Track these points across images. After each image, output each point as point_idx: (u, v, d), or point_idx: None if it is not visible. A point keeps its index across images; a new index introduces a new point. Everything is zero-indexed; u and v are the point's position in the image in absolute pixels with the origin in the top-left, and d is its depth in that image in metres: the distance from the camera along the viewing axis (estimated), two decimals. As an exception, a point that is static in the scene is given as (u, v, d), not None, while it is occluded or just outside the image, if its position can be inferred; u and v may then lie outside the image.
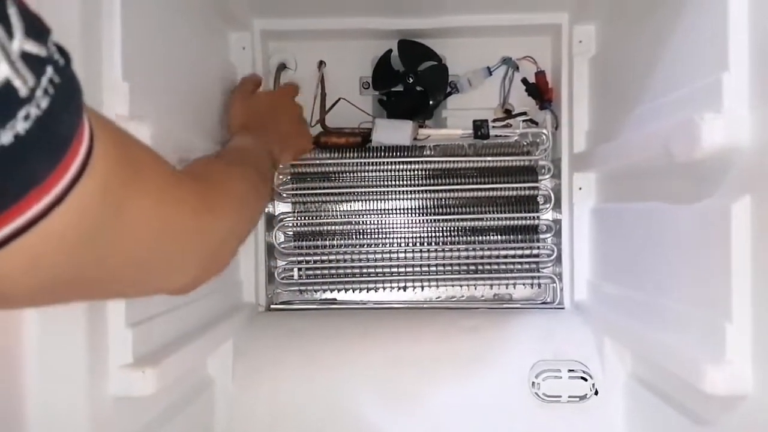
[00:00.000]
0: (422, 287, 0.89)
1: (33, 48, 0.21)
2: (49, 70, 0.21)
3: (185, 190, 0.34)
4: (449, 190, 0.87)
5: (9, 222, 0.21)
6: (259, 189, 0.54)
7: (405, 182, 0.88)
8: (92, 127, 0.25)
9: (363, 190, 0.88)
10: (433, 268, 0.88)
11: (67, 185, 0.23)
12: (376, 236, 0.89)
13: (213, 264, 0.40)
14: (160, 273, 0.34)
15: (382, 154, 0.87)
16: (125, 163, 0.28)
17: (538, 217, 0.87)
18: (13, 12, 0.20)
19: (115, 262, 0.28)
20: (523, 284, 0.88)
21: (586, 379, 0.72)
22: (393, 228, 0.88)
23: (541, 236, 0.88)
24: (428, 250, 0.88)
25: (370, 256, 0.89)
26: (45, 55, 0.21)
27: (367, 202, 0.88)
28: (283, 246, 0.89)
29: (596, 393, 0.72)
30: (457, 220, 0.88)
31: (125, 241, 0.28)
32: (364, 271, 0.89)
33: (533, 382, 0.72)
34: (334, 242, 0.89)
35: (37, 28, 0.21)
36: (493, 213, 0.87)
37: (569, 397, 0.72)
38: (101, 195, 0.25)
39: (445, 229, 0.88)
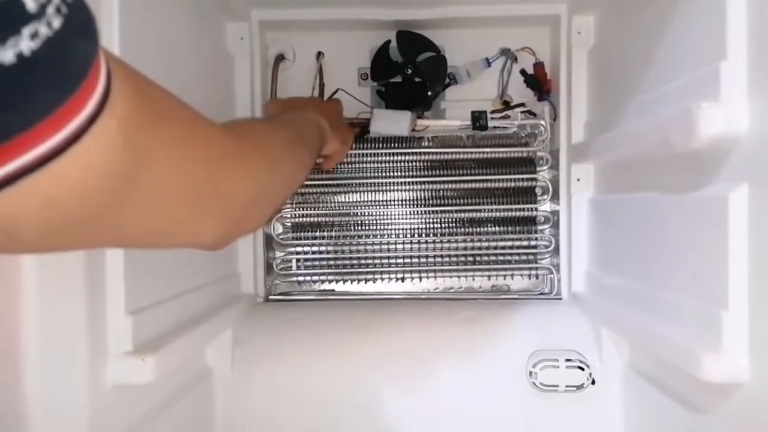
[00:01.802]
0: (420, 278, 0.89)
1: None
2: None
3: (215, 140, 0.32)
4: (448, 181, 0.88)
5: (13, 157, 0.19)
6: (301, 153, 0.50)
7: (403, 173, 0.88)
8: (109, 63, 0.22)
9: (361, 181, 0.88)
10: (432, 259, 0.89)
11: (84, 123, 0.20)
12: (375, 227, 0.89)
13: (244, 221, 0.37)
14: (184, 227, 0.31)
15: (381, 145, 0.87)
16: (148, 105, 0.25)
17: (536, 209, 0.88)
18: None
19: (137, 213, 0.26)
20: (521, 275, 0.89)
21: (583, 369, 0.72)
22: (391, 219, 0.89)
23: (539, 227, 0.88)
24: (426, 241, 0.89)
25: (369, 247, 0.89)
26: None
27: (366, 193, 0.88)
28: (281, 237, 0.89)
29: (593, 382, 0.72)
30: (456, 211, 0.88)
31: (148, 191, 0.26)
32: (363, 262, 0.89)
33: (531, 372, 0.72)
34: (333, 233, 0.89)
35: None
36: (491, 204, 0.87)
37: (566, 386, 0.72)
38: (123, 138, 0.23)
39: (443, 220, 0.88)
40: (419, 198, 0.88)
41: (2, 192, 0.19)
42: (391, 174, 0.88)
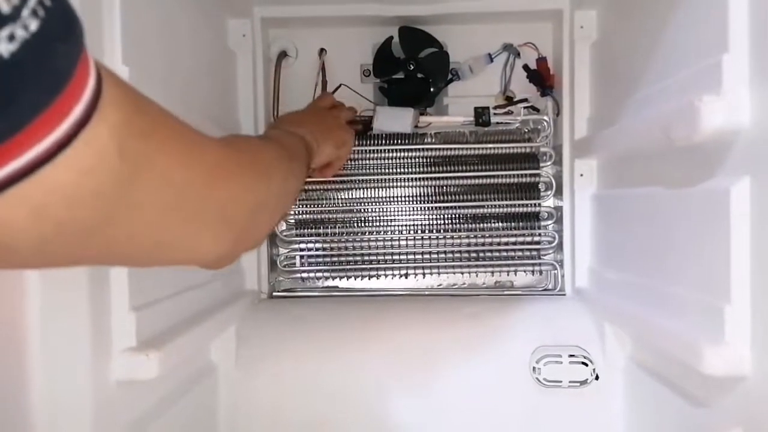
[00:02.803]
0: (424, 274, 0.89)
1: None
2: None
3: (209, 149, 0.31)
4: (450, 178, 0.87)
5: (0, 164, 0.18)
6: (291, 166, 0.50)
7: (406, 170, 0.88)
8: (100, 71, 0.22)
9: (364, 177, 0.88)
10: (435, 256, 0.89)
11: (73, 127, 0.20)
12: (378, 224, 0.89)
13: (244, 235, 0.36)
14: (183, 240, 0.30)
15: (384, 141, 0.87)
16: (142, 115, 0.25)
17: (539, 204, 0.87)
18: None
19: (133, 223, 0.25)
20: (525, 271, 0.89)
21: (586, 364, 0.72)
22: (394, 215, 0.89)
23: (543, 223, 0.88)
24: (430, 238, 0.89)
25: (372, 244, 0.89)
26: None
27: (369, 189, 0.88)
28: (285, 234, 0.89)
29: (597, 378, 0.72)
30: (459, 207, 0.88)
31: (144, 200, 0.25)
32: (366, 258, 0.89)
33: (534, 368, 0.72)
34: (336, 230, 0.89)
35: None
36: (495, 200, 0.87)
37: (570, 382, 0.72)
38: (117, 144, 0.22)
39: (446, 216, 0.88)
40: (422, 194, 0.88)
41: None
42: (395, 171, 0.88)
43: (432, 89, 0.87)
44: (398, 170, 0.88)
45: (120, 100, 0.23)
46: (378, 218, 0.89)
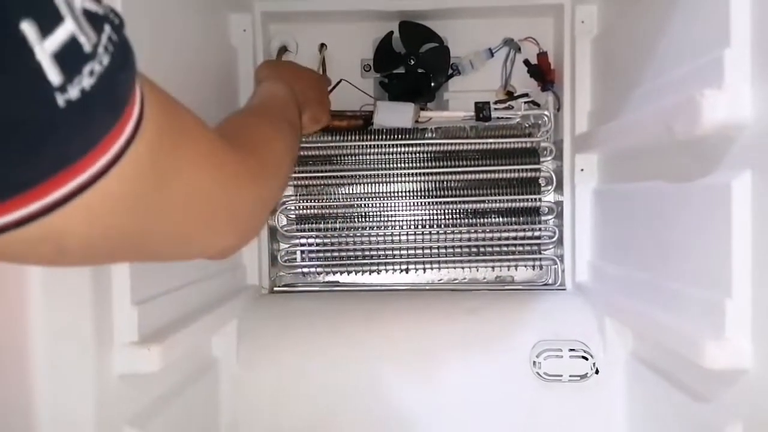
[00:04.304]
0: (424, 269, 0.89)
1: (92, 6, 0.21)
2: (107, 28, 0.22)
3: (227, 158, 0.35)
4: (451, 173, 0.88)
5: (73, 178, 0.21)
6: (293, 147, 0.54)
7: (407, 165, 0.88)
8: (142, 89, 0.25)
9: (365, 172, 0.88)
10: (435, 251, 0.89)
11: (123, 146, 0.23)
12: (379, 219, 0.89)
13: (250, 229, 0.40)
14: (200, 239, 0.34)
15: (384, 136, 0.87)
16: (174, 128, 0.28)
17: (539, 199, 0.88)
18: None
19: (161, 227, 0.29)
20: (525, 266, 0.89)
21: (587, 358, 0.72)
22: (395, 210, 0.89)
23: (543, 218, 0.88)
24: (430, 233, 0.89)
25: (373, 239, 0.89)
26: (102, 13, 0.22)
27: (369, 184, 0.89)
28: (285, 229, 0.89)
29: (597, 372, 0.72)
30: (459, 202, 0.88)
31: (171, 207, 0.29)
32: (367, 253, 0.89)
33: (535, 362, 0.73)
34: (337, 225, 0.89)
35: None
36: (495, 195, 0.87)
37: (570, 376, 0.72)
38: (152, 158, 0.25)
39: (447, 211, 0.88)
40: (423, 189, 0.88)
41: (58, 211, 0.21)
42: (395, 165, 0.88)
43: (432, 84, 0.87)
44: (399, 165, 0.88)
45: (157, 117, 0.26)
46: (379, 213, 0.89)
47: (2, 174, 0.19)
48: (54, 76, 0.19)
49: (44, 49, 0.19)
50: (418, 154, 0.88)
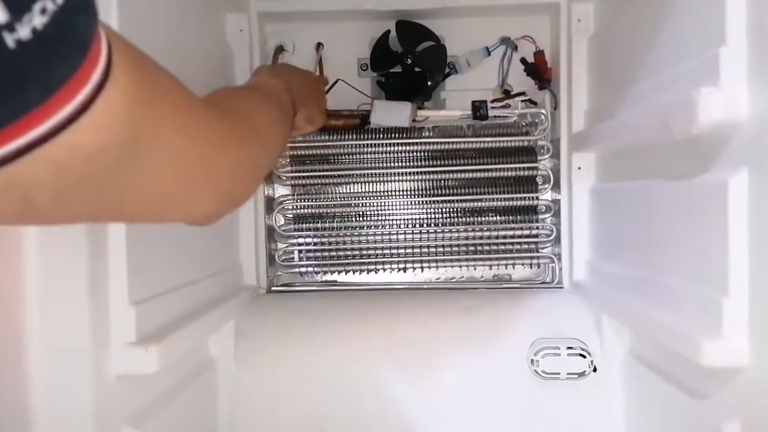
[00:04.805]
0: (422, 268, 0.89)
1: None
2: None
3: (209, 120, 0.34)
4: (448, 172, 0.88)
5: (32, 127, 0.20)
6: (281, 128, 0.53)
7: (404, 164, 0.88)
8: (108, 36, 0.23)
9: (362, 172, 0.88)
10: (433, 249, 0.89)
11: (90, 94, 0.22)
12: (376, 218, 0.89)
13: (235, 196, 0.39)
14: (180, 201, 0.33)
15: (381, 135, 0.87)
16: (148, 80, 0.27)
17: (537, 198, 0.88)
18: None
19: (138, 186, 0.28)
20: (523, 264, 0.89)
21: (584, 356, 0.72)
22: (392, 209, 0.89)
23: (540, 216, 0.88)
24: (428, 232, 0.89)
25: (370, 238, 0.89)
26: None
27: (367, 184, 0.89)
28: (283, 229, 0.89)
29: (595, 370, 0.72)
30: (457, 201, 0.88)
31: (149, 165, 0.27)
32: (364, 252, 0.89)
33: (532, 360, 0.73)
34: (334, 224, 0.89)
35: None
36: (492, 194, 0.88)
37: (568, 374, 0.73)
38: (127, 110, 0.24)
39: (444, 210, 0.88)
40: (420, 188, 0.88)
41: (20, 160, 0.20)
42: (392, 165, 0.88)
43: (429, 83, 0.87)
44: (396, 164, 0.88)
45: (129, 66, 0.24)
46: (376, 212, 0.89)
47: None
48: (0, 13, 0.17)
49: None
50: (415, 153, 0.88)
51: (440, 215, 0.89)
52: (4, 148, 0.20)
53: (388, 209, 0.89)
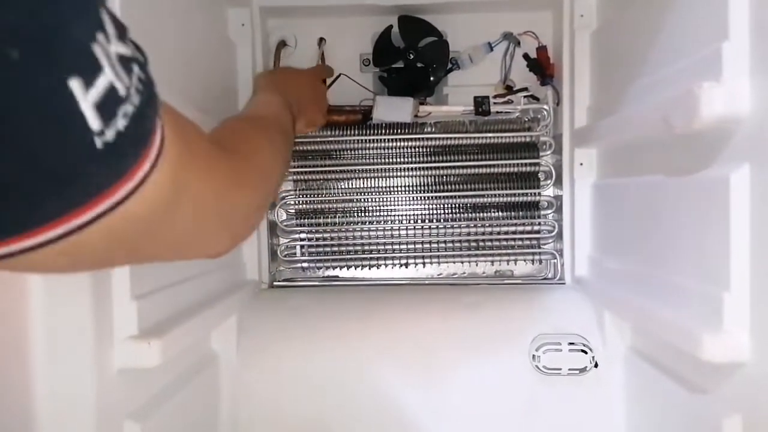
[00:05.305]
0: (424, 264, 0.89)
1: (123, 49, 0.23)
2: (136, 69, 0.23)
3: (221, 166, 0.37)
4: (450, 167, 0.87)
5: (99, 205, 0.23)
6: (284, 155, 0.57)
7: (406, 159, 0.88)
8: (162, 115, 0.26)
9: (364, 167, 0.88)
10: (435, 245, 0.89)
11: (148, 171, 0.25)
12: (378, 213, 0.89)
13: (245, 231, 0.43)
14: (198, 244, 0.37)
15: (383, 131, 0.87)
16: (185, 146, 0.30)
17: (539, 194, 0.88)
18: (106, 18, 0.22)
19: (169, 235, 0.31)
20: (524, 260, 0.89)
21: (586, 352, 0.72)
22: (394, 205, 0.89)
23: (542, 212, 0.88)
24: (430, 227, 0.89)
25: (372, 234, 0.89)
26: (130, 54, 0.23)
27: (369, 179, 0.89)
28: (285, 224, 0.89)
29: (596, 365, 0.72)
30: (459, 196, 0.88)
31: (180, 219, 0.31)
32: (366, 248, 0.89)
33: (534, 356, 0.73)
34: (336, 220, 0.89)
35: (120, 29, 0.23)
36: (495, 189, 0.87)
37: (569, 369, 0.73)
38: (171, 176, 0.27)
39: (446, 205, 0.88)
40: (422, 184, 0.88)
41: (84, 230, 0.23)
42: (395, 160, 0.88)
43: (432, 78, 0.87)
44: (398, 160, 0.88)
45: (175, 139, 0.27)
46: (378, 208, 0.89)
47: (37, 205, 0.21)
48: (95, 123, 0.21)
49: (87, 101, 0.20)
50: (417, 149, 0.88)
51: (442, 211, 0.89)
52: (70, 224, 0.22)
53: (390, 205, 0.89)
